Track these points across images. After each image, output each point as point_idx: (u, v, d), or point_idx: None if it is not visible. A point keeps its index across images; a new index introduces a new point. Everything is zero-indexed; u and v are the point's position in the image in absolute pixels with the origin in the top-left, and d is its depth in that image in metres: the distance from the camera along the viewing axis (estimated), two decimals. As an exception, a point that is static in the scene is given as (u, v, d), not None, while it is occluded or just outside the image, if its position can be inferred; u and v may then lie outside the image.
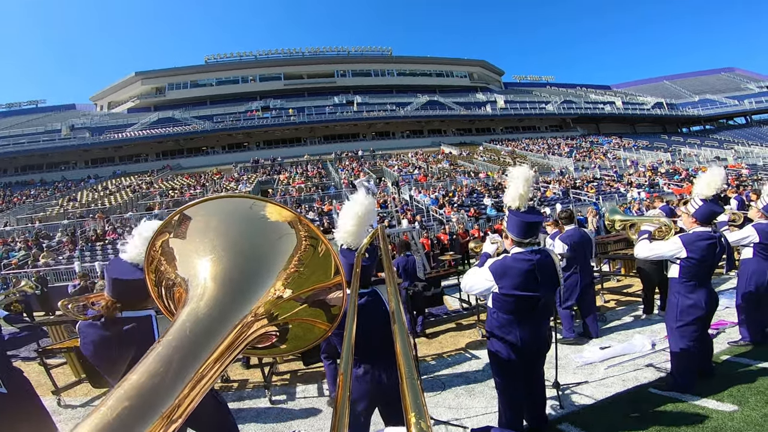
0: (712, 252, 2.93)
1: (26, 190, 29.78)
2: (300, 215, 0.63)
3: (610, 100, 47.54)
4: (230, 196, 0.60)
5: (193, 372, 0.41)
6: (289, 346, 0.68)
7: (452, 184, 21.76)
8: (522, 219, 2.43)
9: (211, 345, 0.45)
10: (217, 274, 0.54)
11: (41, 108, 47.93)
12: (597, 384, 3.38)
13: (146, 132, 36.32)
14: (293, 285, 0.61)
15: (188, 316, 0.48)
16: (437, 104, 42.45)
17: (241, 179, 25.79)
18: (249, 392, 4.05)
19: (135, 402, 0.35)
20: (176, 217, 0.60)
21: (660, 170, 24.84)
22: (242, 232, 0.60)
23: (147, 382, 0.37)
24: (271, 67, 47.02)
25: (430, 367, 4.26)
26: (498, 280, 2.42)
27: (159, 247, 0.60)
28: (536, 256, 2.42)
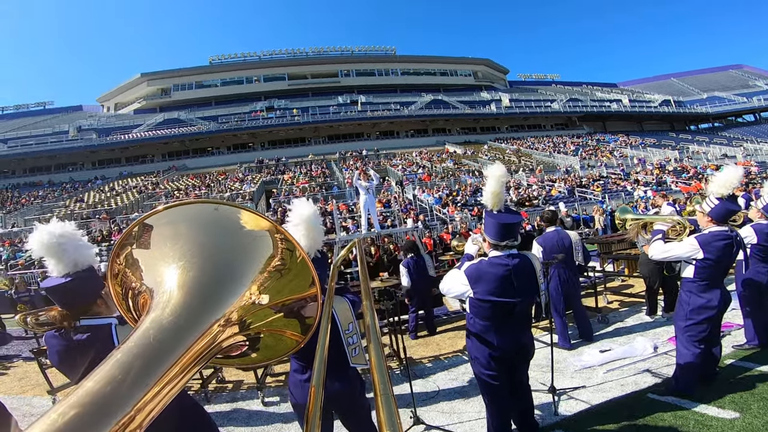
0: (729, 252, 2.87)
1: (34, 191, 30.14)
2: (276, 224, 0.61)
3: (616, 97, 47.08)
4: (194, 201, 0.58)
5: (155, 379, 0.39)
6: (259, 357, 0.66)
7: (456, 183, 21.65)
8: (497, 220, 2.33)
9: (176, 352, 0.43)
10: (185, 281, 0.52)
11: (49, 109, 48.56)
12: (594, 389, 3.29)
13: (152, 133, 36.63)
14: (268, 292, 0.59)
15: (152, 323, 0.46)
16: (441, 103, 42.33)
17: (246, 179, 25.90)
18: (243, 393, 4.02)
19: (87, 409, 0.34)
20: (136, 227, 0.57)
21: (668, 168, 24.54)
22: (212, 238, 0.58)
23: (102, 388, 0.36)
24: (276, 68, 47.22)
25: (426, 370, 4.19)
26: (473, 284, 2.32)
27: (123, 258, 0.58)
28: (513, 260, 2.31)
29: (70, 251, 1.84)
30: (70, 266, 1.84)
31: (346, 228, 14.10)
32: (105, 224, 18.31)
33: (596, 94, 49.11)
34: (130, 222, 10.05)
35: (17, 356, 6.50)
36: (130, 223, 3.47)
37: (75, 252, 1.86)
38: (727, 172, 3.01)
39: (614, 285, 7.10)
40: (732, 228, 2.99)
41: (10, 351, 6.84)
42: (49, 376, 4.31)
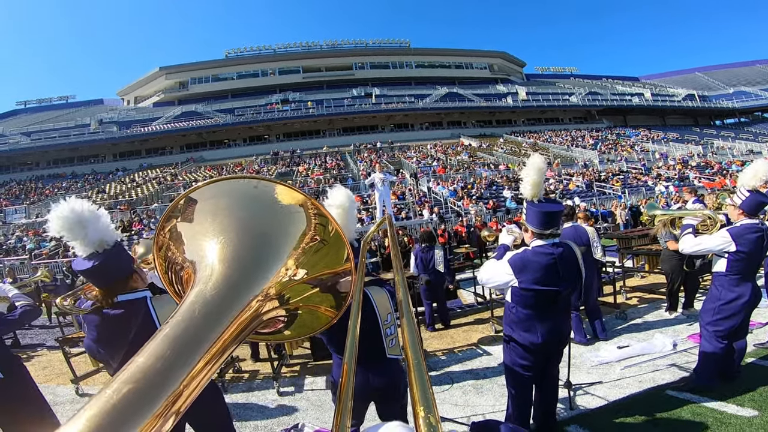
0: (761, 245, 2.83)
1: (57, 182, 30.99)
2: (310, 196, 0.60)
3: (638, 91, 45.79)
4: (237, 177, 0.58)
5: (201, 354, 0.40)
6: (294, 333, 0.66)
7: (471, 176, 21.45)
8: (540, 209, 2.33)
9: (220, 327, 0.44)
10: (226, 255, 0.53)
11: (71, 103, 49.75)
12: (611, 385, 3.25)
13: (170, 125, 37.27)
14: (304, 266, 0.59)
15: (197, 297, 0.46)
16: (457, 96, 41.84)
17: (261, 171, 26.16)
18: (258, 383, 4.08)
19: (141, 384, 0.35)
20: (182, 200, 0.58)
21: (691, 163, 23.82)
22: (251, 213, 0.59)
23: (153, 364, 0.37)
24: (290, 61, 47.33)
25: (440, 362, 4.20)
26: (518, 274, 2.33)
27: (167, 231, 0.59)
28: (558, 249, 2.33)
29: (93, 227, 1.80)
30: (96, 244, 1.82)
31: (360, 220, 14.15)
32: (126, 215, 18.76)
33: (617, 87, 47.83)
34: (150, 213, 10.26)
35: (41, 345, 6.68)
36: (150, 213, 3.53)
37: (98, 229, 1.82)
38: (758, 164, 2.99)
39: (634, 281, 6.96)
40: (763, 221, 2.93)
41: (35, 340, 7.04)
42: (73, 364, 4.42)
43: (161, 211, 18.65)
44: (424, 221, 9.00)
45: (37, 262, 13.70)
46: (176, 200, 0.58)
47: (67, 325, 7.20)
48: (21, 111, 48.55)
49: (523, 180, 2.50)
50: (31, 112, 47.81)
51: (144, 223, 17.05)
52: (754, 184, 2.94)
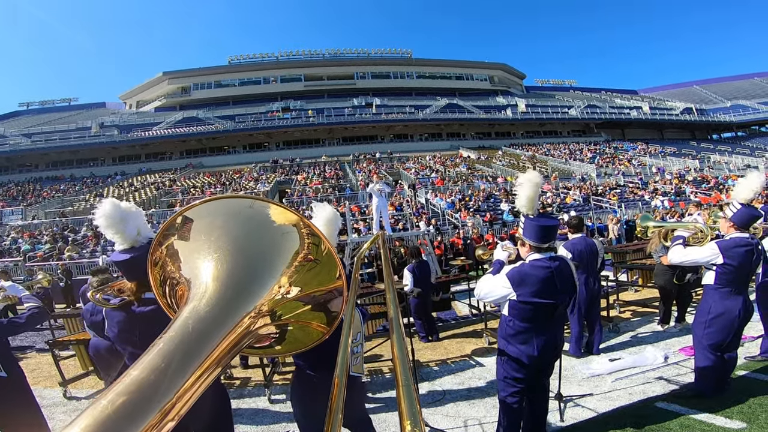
0: (750, 259, 2.85)
1: (56, 185, 30.98)
2: (302, 216, 0.63)
3: (636, 105, 46.20)
4: (232, 196, 0.61)
5: (194, 369, 0.41)
6: (286, 348, 0.68)
7: (469, 188, 21.54)
8: (538, 223, 2.38)
9: (213, 342, 0.45)
10: (220, 273, 0.54)
11: (73, 106, 49.93)
12: (602, 397, 3.26)
13: (171, 131, 37.39)
14: (297, 284, 0.61)
15: (190, 313, 0.48)
16: (457, 107, 42.14)
17: (260, 179, 26.20)
18: (249, 390, 4.09)
19: (134, 396, 0.35)
20: (179, 218, 0.60)
21: (687, 178, 23.98)
22: (245, 232, 0.60)
23: (147, 377, 0.37)
24: (292, 69, 47.67)
25: (433, 373, 4.20)
26: (516, 287, 2.36)
27: (164, 247, 0.61)
28: (555, 263, 2.38)
29: (131, 223, 1.94)
30: (132, 239, 1.94)
31: (357, 230, 14.16)
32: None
33: (615, 100, 48.31)
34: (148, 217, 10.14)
35: (31, 347, 6.63)
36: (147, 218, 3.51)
37: (136, 224, 1.96)
38: (751, 177, 3.02)
39: (627, 295, 6.99)
40: (754, 236, 2.96)
41: (25, 342, 6.98)
42: (62, 367, 4.41)
43: (159, 216, 18.65)
44: (421, 233, 9.02)
45: (32, 264, 13.66)
46: (173, 218, 0.60)
47: (58, 328, 7.14)
48: (23, 112, 48.70)
49: (519, 194, 2.53)
50: (33, 113, 47.93)
51: (141, 228, 17.03)
52: (746, 197, 2.95)
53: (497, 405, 2.61)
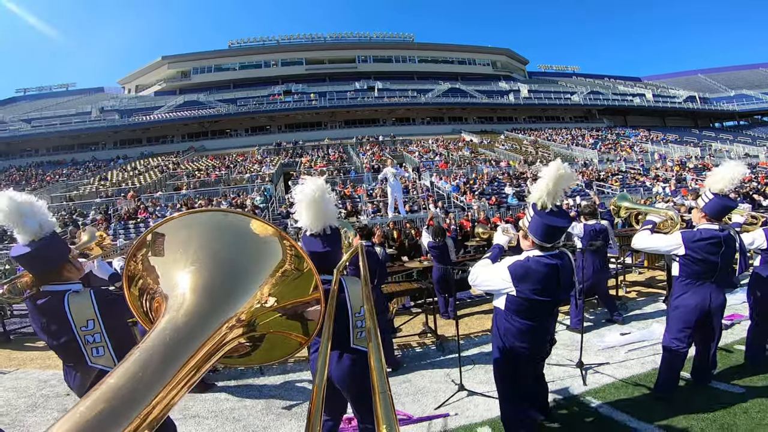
0: (715, 252, 2.70)
1: (58, 169, 30.97)
2: (281, 231, 0.66)
3: (639, 92, 45.97)
4: (206, 210, 0.65)
5: (171, 376, 0.42)
6: (263, 357, 0.70)
7: (473, 171, 21.69)
8: (547, 222, 2.18)
9: (189, 351, 0.46)
10: (197, 284, 0.56)
11: (71, 91, 49.38)
12: (617, 365, 3.57)
13: (172, 114, 37.18)
14: (275, 296, 0.63)
15: (167, 323, 0.49)
16: (459, 92, 41.91)
17: (264, 161, 26.27)
18: (292, 366, 4.30)
19: (113, 403, 0.36)
20: (152, 233, 0.62)
21: (688, 165, 24.16)
22: (223, 245, 0.62)
23: (125, 384, 0.38)
24: (293, 52, 47.07)
25: (432, 354, 4.50)
26: (517, 282, 2.21)
27: (138, 263, 0.62)
28: (560, 260, 2.25)
29: (30, 217, 1.90)
30: (33, 233, 1.91)
31: (365, 212, 14.37)
32: (131, 203, 18.90)
33: (618, 87, 48.04)
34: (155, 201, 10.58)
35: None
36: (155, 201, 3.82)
37: (35, 218, 1.92)
38: (727, 166, 2.86)
39: (632, 277, 7.29)
40: (724, 227, 2.83)
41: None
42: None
43: (165, 199, 18.81)
44: (436, 214, 9.24)
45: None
46: (145, 234, 0.62)
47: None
48: (21, 98, 48.21)
49: (538, 183, 2.29)
50: (31, 99, 47.47)
51: (149, 211, 17.20)
52: (722, 187, 2.80)
53: None
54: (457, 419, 2.92)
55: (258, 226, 0.64)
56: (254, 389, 3.77)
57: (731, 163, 2.90)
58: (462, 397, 3.24)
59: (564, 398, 3.10)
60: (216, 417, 3.19)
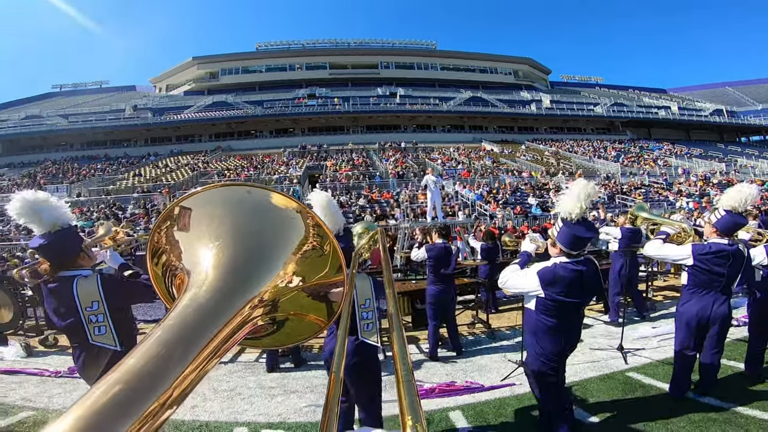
0: (722, 264, 2.90)
1: (93, 164, 32.34)
2: (306, 207, 0.63)
3: (665, 104, 45.58)
4: (229, 184, 0.61)
5: (192, 357, 0.40)
6: (282, 339, 0.68)
7: (495, 181, 22.06)
8: (575, 233, 2.42)
9: (212, 331, 0.45)
10: (221, 261, 0.54)
11: (105, 88, 51.46)
12: (652, 350, 4.05)
13: (201, 114, 38.54)
14: (299, 275, 0.61)
15: (190, 301, 0.47)
16: (480, 100, 42.19)
17: (290, 163, 27.09)
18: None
19: (131, 385, 0.34)
20: (178, 206, 0.60)
21: (712, 180, 23.95)
22: (246, 219, 0.61)
23: (144, 366, 0.37)
24: (317, 57, 48.15)
25: (506, 335, 5.14)
26: (545, 286, 2.46)
27: (161, 238, 0.61)
28: (584, 267, 2.47)
29: (46, 212, 2.11)
30: (49, 226, 2.13)
31: (393, 216, 14.91)
32: (167, 198, 19.87)
33: (643, 99, 47.73)
34: None
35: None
36: None
37: (51, 214, 2.13)
38: (740, 188, 3.07)
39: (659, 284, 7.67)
40: (734, 242, 3.00)
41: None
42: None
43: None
44: (462, 221, 9.78)
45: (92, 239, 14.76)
46: (169, 208, 0.60)
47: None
48: (56, 94, 50.39)
49: (567, 198, 2.50)
50: (66, 95, 49.61)
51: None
52: (732, 205, 2.98)
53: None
54: (521, 388, 3.46)
55: (281, 200, 0.62)
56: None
57: (744, 185, 3.15)
58: (521, 372, 3.70)
59: (610, 373, 3.64)
60: (312, 392, 3.68)
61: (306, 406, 3.35)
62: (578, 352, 3.46)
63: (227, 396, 3.56)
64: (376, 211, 15.06)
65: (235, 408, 3.29)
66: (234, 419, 3.10)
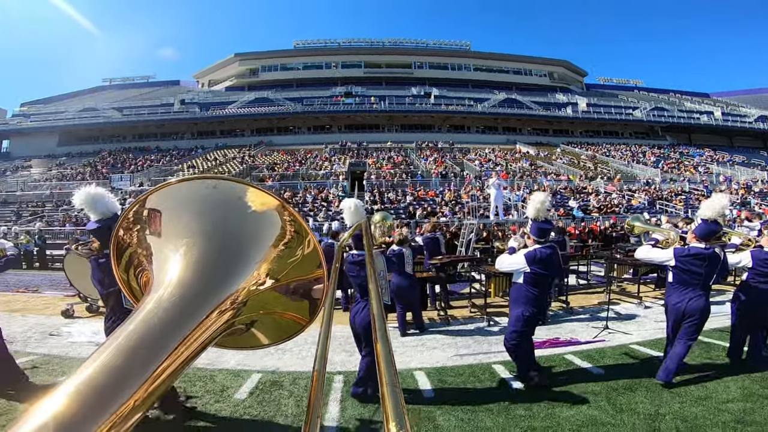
0: (699, 265, 3.41)
1: (147, 155, 34.37)
2: (284, 202, 0.60)
3: (707, 109, 44.38)
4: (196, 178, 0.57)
5: (155, 366, 0.37)
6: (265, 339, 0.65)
7: (534, 183, 22.54)
8: (539, 226, 3.63)
9: (179, 337, 0.42)
10: (189, 260, 0.51)
11: (151, 83, 54.05)
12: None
13: (245, 110, 40.31)
14: (274, 274, 0.58)
15: (154, 304, 0.44)
16: (515, 102, 42.23)
17: (332, 160, 28.20)
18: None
19: (87, 398, 0.32)
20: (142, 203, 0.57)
21: (754, 189, 23.57)
22: (216, 217, 0.57)
23: (104, 378, 0.34)
24: (353, 55, 49.11)
25: (579, 311, 6.32)
26: (530, 264, 3.49)
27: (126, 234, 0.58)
28: (551, 249, 3.58)
29: (100, 203, 2.70)
30: (101, 213, 2.70)
31: (442, 213, 15.77)
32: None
33: (685, 104, 46.53)
34: None
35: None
36: None
37: (104, 205, 2.71)
38: (714, 198, 3.61)
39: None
40: (710, 246, 3.49)
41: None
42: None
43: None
44: (518, 220, 10.63)
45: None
46: (133, 204, 0.57)
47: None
48: (107, 87, 53.22)
49: (530, 206, 3.76)
50: (116, 88, 52.38)
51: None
52: (708, 215, 3.48)
53: None
54: (609, 343, 4.73)
55: (256, 195, 0.58)
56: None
57: (718, 196, 3.73)
58: (608, 333, 5.05)
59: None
60: (448, 347, 4.68)
61: (452, 355, 4.41)
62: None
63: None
64: (426, 209, 15.95)
65: (402, 360, 4.30)
66: (411, 366, 4.15)
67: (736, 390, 3.40)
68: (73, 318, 6.26)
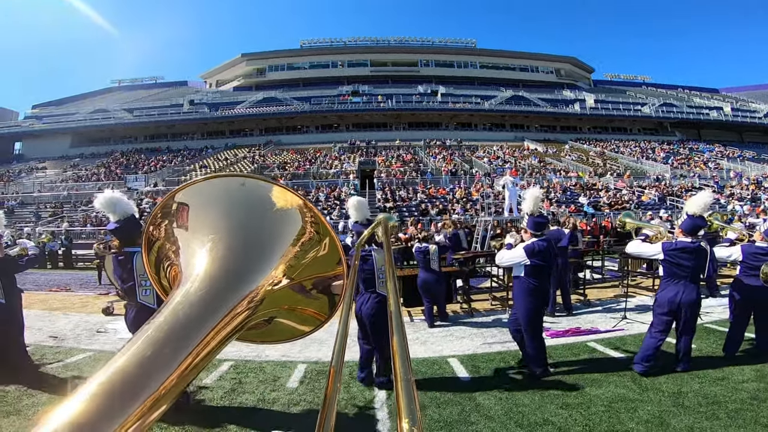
0: (686, 258, 3.55)
1: (159, 156, 34.82)
2: (306, 200, 0.62)
3: (717, 105, 44.02)
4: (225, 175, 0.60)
5: (182, 358, 0.39)
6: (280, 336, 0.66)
7: (543, 180, 22.68)
8: (535, 220, 3.85)
9: (204, 330, 0.43)
10: (214, 256, 0.53)
11: (159, 83, 54.49)
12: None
13: (253, 110, 40.64)
14: (296, 270, 0.60)
15: (182, 298, 0.46)
16: (522, 99, 42.18)
17: (342, 158, 28.48)
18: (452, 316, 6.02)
19: (118, 387, 0.34)
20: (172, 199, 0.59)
21: (764, 184, 23.50)
22: (243, 214, 0.60)
23: (133, 367, 0.36)
24: (359, 54, 49.21)
25: (596, 303, 6.64)
26: (529, 256, 3.66)
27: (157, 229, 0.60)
28: (546, 242, 3.78)
29: (119, 205, 2.96)
30: (120, 215, 2.96)
31: (455, 211, 16.01)
32: (237, 188, 21.67)
33: (694, 99, 46.19)
34: None
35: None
36: None
37: (122, 207, 2.97)
38: (699, 195, 3.76)
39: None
40: (696, 240, 3.63)
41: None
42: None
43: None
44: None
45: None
46: (164, 200, 0.59)
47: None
48: (116, 89, 53.61)
49: (526, 202, 4.00)
50: (125, 90, 52.88)
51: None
52: (694, 210, 3.63)
53: None
54: (628, 331, 4.99)
55: (280, 193, 0.60)
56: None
57: (702, 192, 3.84)
58: (626, 323, 5.30)
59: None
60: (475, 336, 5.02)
61: (481, 344, 4.70)
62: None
63: (422, 341, 4.92)
64: (437, 206, 16.21)
65: (435, 349, 4.63)
66: (444, 354, 4.45)
67: (751, 372, 3.66)
68: (113, 315, 6.49)
